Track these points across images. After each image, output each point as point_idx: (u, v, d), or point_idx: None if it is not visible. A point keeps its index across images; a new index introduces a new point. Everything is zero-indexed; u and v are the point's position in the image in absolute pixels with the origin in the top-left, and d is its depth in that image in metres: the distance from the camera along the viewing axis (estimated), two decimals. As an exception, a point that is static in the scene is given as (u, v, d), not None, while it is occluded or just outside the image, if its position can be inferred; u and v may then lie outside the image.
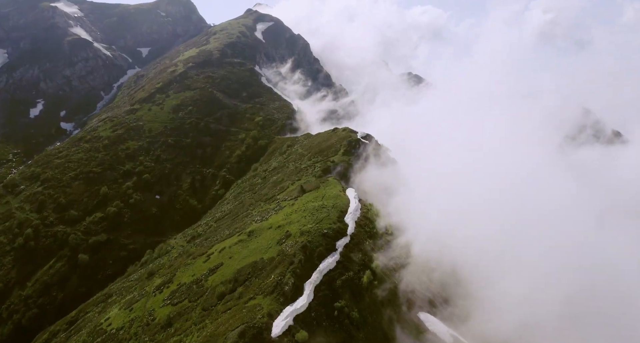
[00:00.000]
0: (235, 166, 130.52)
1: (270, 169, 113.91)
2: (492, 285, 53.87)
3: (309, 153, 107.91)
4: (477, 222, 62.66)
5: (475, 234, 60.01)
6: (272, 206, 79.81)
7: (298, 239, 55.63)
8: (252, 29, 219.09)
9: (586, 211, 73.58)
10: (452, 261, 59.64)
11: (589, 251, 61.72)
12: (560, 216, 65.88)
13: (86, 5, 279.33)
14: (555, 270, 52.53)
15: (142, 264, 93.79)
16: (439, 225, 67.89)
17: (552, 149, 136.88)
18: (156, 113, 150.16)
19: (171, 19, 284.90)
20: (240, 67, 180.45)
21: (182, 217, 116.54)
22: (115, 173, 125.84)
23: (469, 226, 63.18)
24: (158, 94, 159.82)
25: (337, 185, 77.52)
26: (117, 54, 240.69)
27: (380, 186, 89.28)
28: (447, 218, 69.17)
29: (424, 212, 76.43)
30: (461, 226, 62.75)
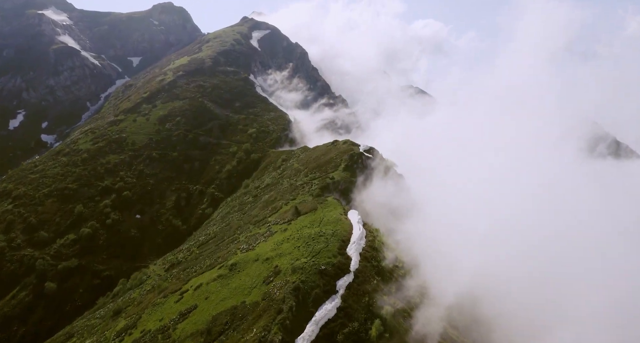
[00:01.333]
0: (225, 182, 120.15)
1: (262, 186, 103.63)
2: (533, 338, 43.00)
3: (306, 169, 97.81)
4: (509, 256, 52.07)
5: (506, 270, 49.45)
6: (262, 230, 69.39)
7: (289, 278, 45.08)
8: (247, 36, 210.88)
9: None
10: (479, 302, 48.88)
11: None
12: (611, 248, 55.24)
13: (76, 13, 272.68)
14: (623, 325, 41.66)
15: (114, 295, 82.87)
16: (459, 256, 57.41)
17: (574, 164, 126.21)
18: (141, 124, 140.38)
19: (164, 27, 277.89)
20: (233, 76, 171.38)
21: (164, 239, 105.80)
22: (93, 190, 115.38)
23: (497, 258, 52.59)
24: (144, 104, 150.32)
25: (338, 207, 67.13)
26: (106, 64, 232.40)
27: (386, 208, 79.00)
28: (469, 247, 58.66)
29: (440, 239, 66.10)
30: (488, 259, 52.14)
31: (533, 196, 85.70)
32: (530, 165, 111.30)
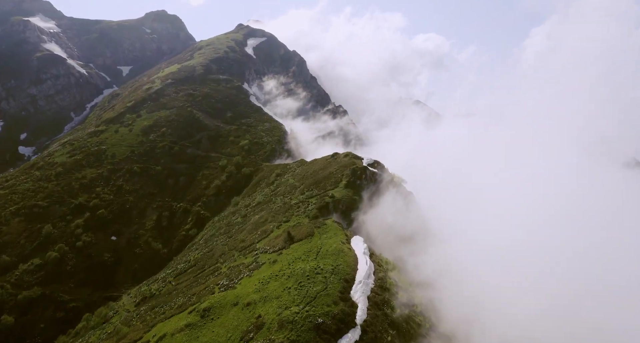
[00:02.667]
0: (212, 199, 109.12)
1: (253, 204, 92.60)
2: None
3: (302, 185, 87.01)
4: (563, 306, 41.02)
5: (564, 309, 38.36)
6: (247, 260, 58.41)
7: (274, 336, 33.93)
8: (242, 44, 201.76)
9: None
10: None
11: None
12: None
13: (65, 21, 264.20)
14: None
15: (75, 334, 71.47)
16: (491, 292, 46.33)
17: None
18: (123, 135, 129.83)
19: (157, 36, 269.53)
20: (226, 84, 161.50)
21: (141, 265, 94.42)
22: (65, 208, 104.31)
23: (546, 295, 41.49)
24: (128, 114, 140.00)
25: (339, 232, 56.13)
26: (93, 72, 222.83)
27: (396, 231, 68.06)
28: (503, 278, 47.58)
29: (464, 270, 55.11)
30: (536, 299, 41.00)
31: (563, 212, 74.96)
32: (556, 179, 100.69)
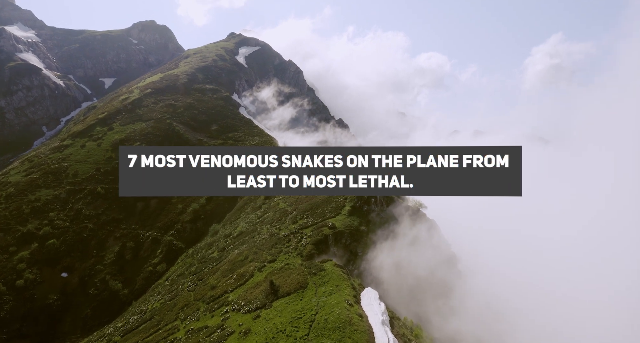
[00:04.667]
0: (188, 226, 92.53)
1: (235, 234, 76.04)
2: None
3: (295, 210, 70.82)
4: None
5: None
6: (212, 321, 41.88)
7: None
8: (233, 52, 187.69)
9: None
10: None
11: None
12: None
13: (46, 30, 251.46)
14: None
15: None
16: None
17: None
18: (90, 151, 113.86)
19: (144, 47, 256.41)
20: (212, 94, 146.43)
21: (95, 310, 77.12)
22: (9, 237, 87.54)
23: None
24: (99, 127, 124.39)
25: (343, 284, 39.63)
26: (72, 84, 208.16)
27: (417, 274, 51.60)
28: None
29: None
30: None
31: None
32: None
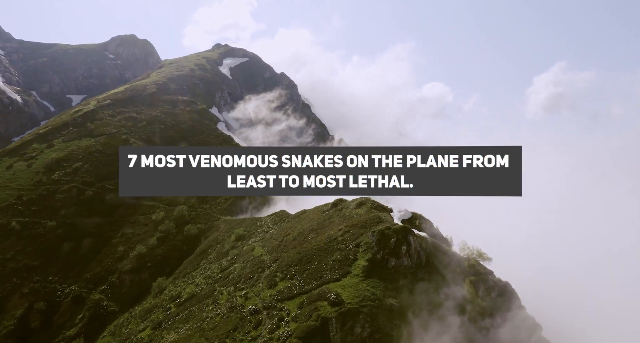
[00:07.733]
0: (127, 279, 66.62)
1: (183, 297, 50.44)
2: None
3: (276, 262, 45.57)
4: None
5: None
6: None
7: None
8: (215, 63, 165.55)
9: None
10: None
11: None
12: None
13: (13, 43, 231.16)
14: None
15: None
16: None
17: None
18: (16, 173, 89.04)
19: (121, 62, 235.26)
20: (185, 107, 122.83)
21: None
22: None
23: None
24: (36, 144, 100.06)
25: None
26: (31, 100, 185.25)
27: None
28: None
29: None
30: None
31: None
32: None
